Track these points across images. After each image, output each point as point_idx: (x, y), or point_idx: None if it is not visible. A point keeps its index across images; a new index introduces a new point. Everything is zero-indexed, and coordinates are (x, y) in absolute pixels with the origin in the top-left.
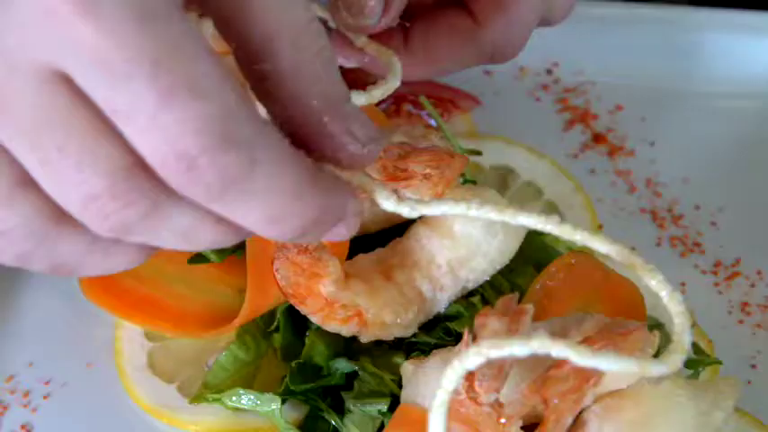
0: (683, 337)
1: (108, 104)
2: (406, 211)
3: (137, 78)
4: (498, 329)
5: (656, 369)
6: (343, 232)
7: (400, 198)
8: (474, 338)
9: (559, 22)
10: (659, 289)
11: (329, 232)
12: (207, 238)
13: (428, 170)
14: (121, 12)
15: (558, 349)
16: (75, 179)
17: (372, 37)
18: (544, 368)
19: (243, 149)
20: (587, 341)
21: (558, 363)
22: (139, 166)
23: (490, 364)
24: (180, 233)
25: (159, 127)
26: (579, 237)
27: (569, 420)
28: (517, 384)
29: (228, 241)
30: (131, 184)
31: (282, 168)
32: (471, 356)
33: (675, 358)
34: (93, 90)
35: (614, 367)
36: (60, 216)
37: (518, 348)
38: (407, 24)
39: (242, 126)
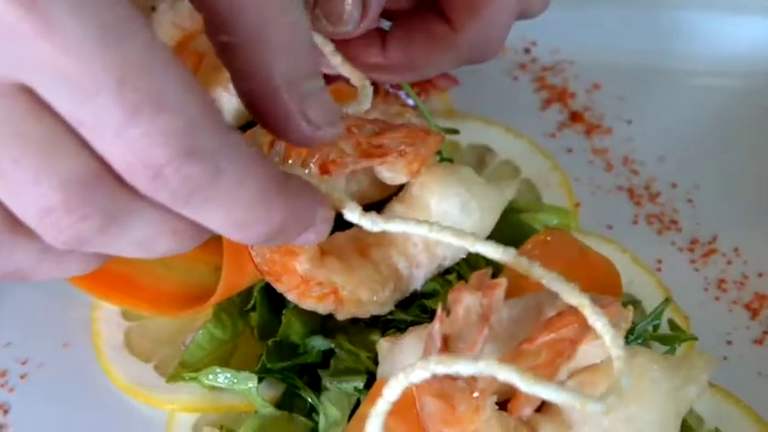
0: (621, 380)
1: (72, 117)
2: (368, 225)
3: (102, 95)
4: (471, 304)
5: (594, 407)
6: (311, 238)
7: (363, 212)
8: (448, 313)
9: (538, 15)
10: (603, 333)
11: (297, 238)
12: (164, 247)
13: (403, 147)
14: (83, 30)
15: (504, 374)
16: (30, 192)
17: (350, 43)
18: (517, 342)
19: (207, 159)
20: (561, 316)
21: (530, 337)
22: (104, 173)
23: (464, 339)
24: (136, 243)
25: (126, 140)
26: (537, 272)
27: None
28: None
29: (185, 248)
30: (87, 198)
31: (247, 176)
32: (417, 371)
33: (612, 399)
34: (57, 103)
35: (556, 399)
36: (15, 224)
37: (464, 368)
38: (385, 28)
39: (206, 137)
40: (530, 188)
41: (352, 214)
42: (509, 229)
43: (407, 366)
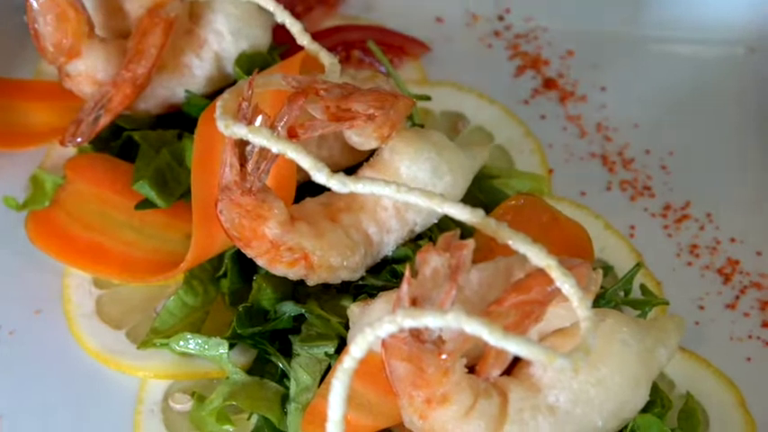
0: (587, 340)
1: None
2: (336, 186)
3: None
4: (439, 265)
5: (561, 362)
6: None
7: (331, 173)
8: (415, 274)
9: None
10: (570, 293)
11: None
12: None
13: (372, 111)
14: None
15: (471, 326)
16: None
17: None
18: (486, 304)
19: None
20: (529, 278)
21: (499, 299)
22: None
23: (432, 300)
24: None
25: None
26: (504, 234)
27: (510, 356)
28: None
29: None
30: None
31: None
32: (385, 325)
33: (579, 356)
34: None
35: (523, 353)
36: None
37: (432, 321)
38: None
39: None
40: (503, 154)
41: (320, 175)
42: (482, 195)
43: (374, 321)
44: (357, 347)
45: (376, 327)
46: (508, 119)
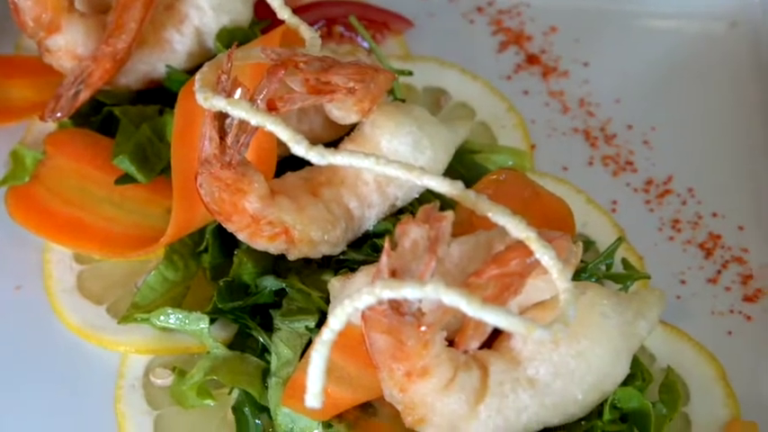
0: (567, 311)
1: None
2: (315, 158)
3: None
4: (418, 236)
5: (540, 333)
6: None
7: (310, 145)
8: (395, 247)
9: None
10: (550, 266)
11: None
12: None
13: (352, 84)
14: None
15: (450, 297)
16: None
17: None
18: (465, 276)
19: None
20: (509, 250)
21: (478, 271)
22: None
23: (412, 272)
24: None
25: None
26: (484, 206)
27: (489, 327)
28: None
29: None
30: None
31: None
32: (363, 296)
33: (559, 327)
34: None
35: (502, 324)
36: None
37: (411, 292)
38: None
39: None
40: (485, 130)
41: (299, 147)
42: (463, 170)
43: (353, 293)
44: (336, 319)
45: (354, 298)
46: (491, 94)
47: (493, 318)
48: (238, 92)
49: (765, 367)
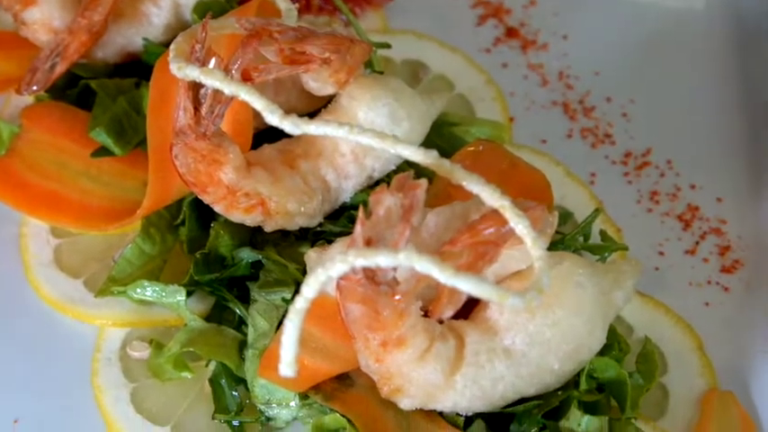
0: (540, 279)
1: None
2: (289, 127)
3: None
4: (392, 205)
5: (513, 301)
6: None
7: (284, 114)
8: (369, 215)
9: None
10: (524, 234)
11: None
12: None
13: (327, 54)
14: None
15: (422, 265)
16: None
17: None
18: (440, 245)
19: None
20: (483, 219)
21: (453, 239)
22: None
23: (386, 241)
24: None
25: None
26: (458, 174)
27: (464, 296)
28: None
29: None
30: None
31: None
32: (337, 264)
33: (533, 295)
34: None
35: (474, 291)
36: None
37: (384, 260)
38: None
39: None
40: (463, 103)
41: (273, 117)
42: (441, 141)
43: (326, 261)
44: (309, 288)
45: (328, 267)
46: (469, 67)
47: (465, 285)
48: (212, 62)
49: (742, 338)
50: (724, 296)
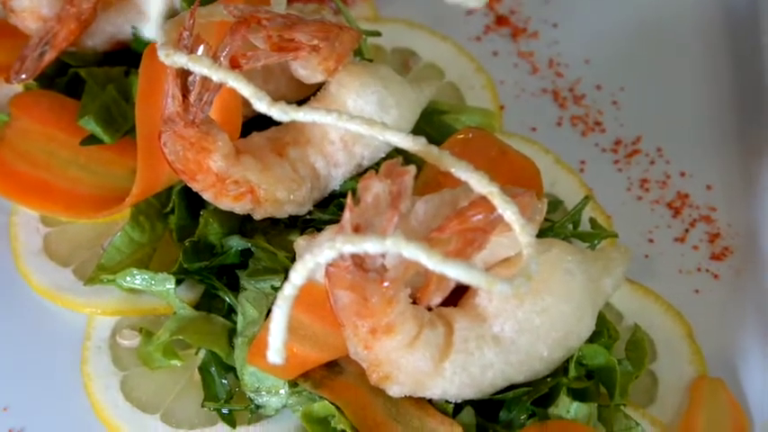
0: (529, 265)
1: None
2: (277, 114)
3: None
4: (380, 191)
5: (501, 287)
6: None
7: (272, 101)
8: (357, 202)
9: None
10: (512, 220)
11: None
12: None
13: (316, 41)
14: None
15: (410, 251)
16: None
17: None
18: (429, 232)
19: None
20: (472, 205)
21: (441, 226)
22: None
23: (375, 228)
24: None
25: None
26: (446, 161)
27: (452, 283)
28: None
29: None
30: None
31: None
32: (325, 251)
33: (520, 281)
34: None
35: (462, 277)
36: None
37: (371, 246)
38: None
39: None
40: (453, 91)
41: (261, 104)
42: (431, 131)
43: (314, 248)
44: (297, 274)
45: (316, 253)
46: (460, 55)
47: (453, 271)
48: (201, 49)
49: (732, 325)
50: (714, 283)
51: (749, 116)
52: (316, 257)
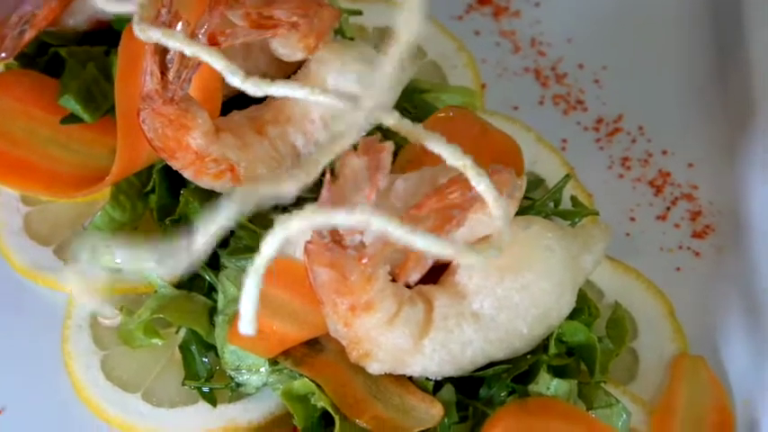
0: (501, 236)
1: None
2: (251, 89)
3: None
4: (358, 166)
5: (472, 257)
6: None
7: (246, 76)
8: (336, 178)
9: None
10: (485, 193)
11: None
12: None
13: (295, 18)
14: None
15: (378, 222)
16: None
17: None
18: (408, 209)
19: None
20: (450, 182)
21: (419, 203)
22: None
23: (352, 203)
24: None
25: None
26: (418, 134)
27: (431, 259)
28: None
29: None
30: None
31: None
32: (294, 222)
33: (491, 253)
34: None
35: (431, 248)
36: None
37: (341, 218)
38: None
39: None
40: (435, 70)
41: (235, 78)
42: (413, 109)
43: (284, 218)
44: (267, 246)
45: (285, 225)
46: (441, 34)
47: (422, 242)
48: (179, 26)
49: (713, 303)
50: (695, 261)
51: (731, 95)
52: (285, 229)
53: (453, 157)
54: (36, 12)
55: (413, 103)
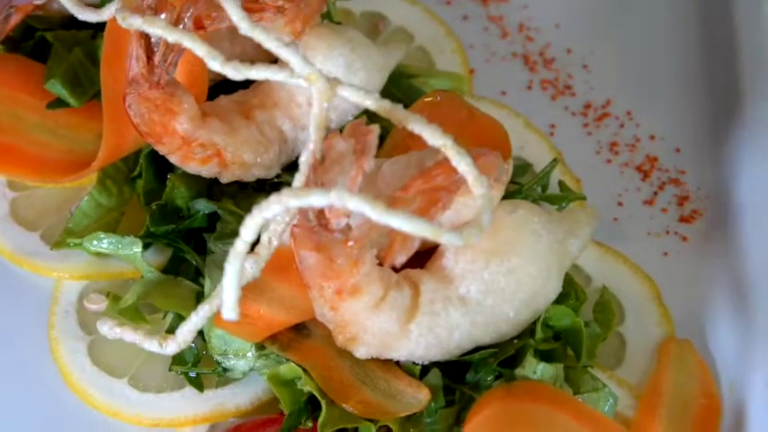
0: (482, 217)
1: None
2: (231, 73)
3: None
4: (344, 149)
5: (450, 238)
6: None
7: (226, 60)
8: (323, 160)
9: None
10: (467, 173)
11: None
12: None
13: (281, 2)
14: None
15: (354, 203)
16: None
17: None
18: (394, 193)
19: None
20: (436, 165)
21: (405, 185)
22: None
23: (336, 185)
24: None
25: None
26: (400, 115)
27: (416, 242)
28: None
29: None
30: None
31: None
32: (272, 205)
33: (472, 232)
34: None
35: (408, 228)
36: None
37: (316, 199)
38: None
39: None
40: (423, 55)
41: (215, 63)
42: (400, 94)
43: (261, 203)
44: (246, 230)
45: (263, 208)
46: (429, 19)
47: (398, 222)
48: (165, 10)
49: (700, 287)
50: (682, 246)
51: (719, 80)
52: (263, 212)
53: (434, 137)
54: None
55: (401, 87)
